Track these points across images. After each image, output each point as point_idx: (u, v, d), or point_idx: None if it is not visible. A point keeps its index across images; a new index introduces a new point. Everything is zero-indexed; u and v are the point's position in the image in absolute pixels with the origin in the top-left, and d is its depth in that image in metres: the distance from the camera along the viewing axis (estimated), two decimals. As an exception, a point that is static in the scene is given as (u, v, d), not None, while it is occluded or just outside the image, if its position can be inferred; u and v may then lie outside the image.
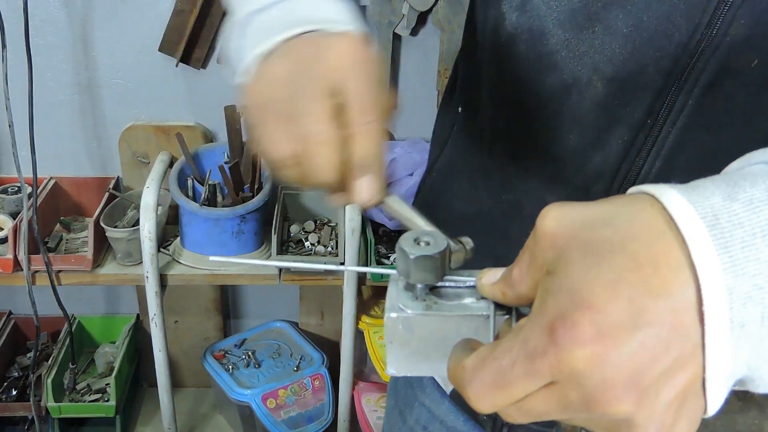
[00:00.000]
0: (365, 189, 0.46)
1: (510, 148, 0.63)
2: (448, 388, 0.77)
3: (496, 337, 0.39)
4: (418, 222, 0.48)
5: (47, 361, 1.77)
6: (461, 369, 0.34)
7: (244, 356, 1.88)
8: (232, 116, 1.62)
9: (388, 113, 0.48)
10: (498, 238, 0.55)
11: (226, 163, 1.61)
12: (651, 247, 0.31)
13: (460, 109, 0.70)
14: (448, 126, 0.73)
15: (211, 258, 0.53)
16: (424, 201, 0.77)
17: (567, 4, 0.54)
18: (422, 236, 0.41)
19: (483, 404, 0.33)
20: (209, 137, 1.77)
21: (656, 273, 0.30)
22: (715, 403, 0.32)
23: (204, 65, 1.69)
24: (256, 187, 1.61)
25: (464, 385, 0.34)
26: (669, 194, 0.33)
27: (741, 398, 0.46)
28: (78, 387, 1.80)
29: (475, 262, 0.65)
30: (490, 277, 0.39)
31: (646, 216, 0.32)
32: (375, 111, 0.46)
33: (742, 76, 0.51)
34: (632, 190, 0.35)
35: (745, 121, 0.53)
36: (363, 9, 0.71)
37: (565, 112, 0.57)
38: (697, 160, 0.54)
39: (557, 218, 0.34)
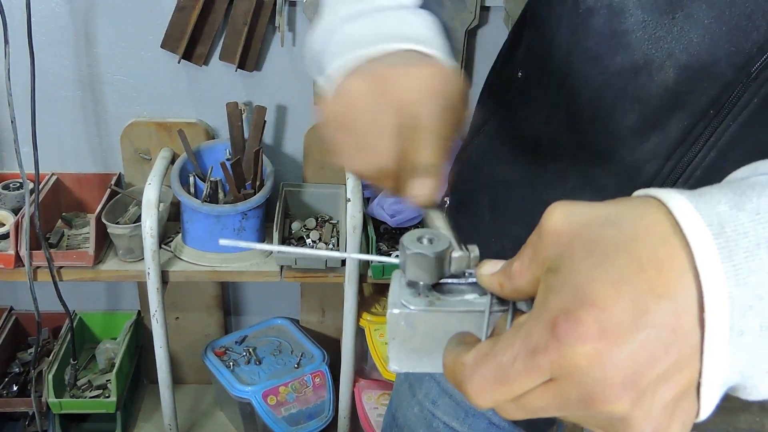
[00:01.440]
0: (419, 187, 0.49)
1: (567, 119, 0.64)
2: None
3: (492, 332, 0.39)
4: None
5: (48, 356, 1.77)
6: (460, 365, 0.34)
7: (244, 353, 1.88)
8: (233, 113, 1.62)
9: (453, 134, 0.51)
10: (536, 206, 0.55)
11: (227, 159, 1.61)
12: (656, 250, 0.31)
13: (520, 74, 0.71)
14: (503, 89, 0.73)
15: (221, 241, 0.52)
16: (468, 160, 0.77)
17: None
18: (426, 234, 0.41)
19: (482, 400, 0.33)
20: (211, 134, 1.77)
21: (660, 275, 0.31)
22: (707, 407, 0.32)
23: (206, 62, 1.69)
24: (257, 184, 1.61)
25: (463, 381, 0.34)
26: (676, 199, 0.33)
27: (742, 396, 0.46)
28: (79, 383, 1.80)
29: (510, 229, 0.66)
30: (489, 267, 0.39)
31: (652, 219, 0.32)
32: (442, 132, 0.49)
33: None
34: (639, 192, 0.35)
35: None
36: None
37: (630, 91, 0.57)
38: (752, 157, 0.55)
39: (564, 216, 0.34)
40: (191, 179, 1.64)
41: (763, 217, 0.32)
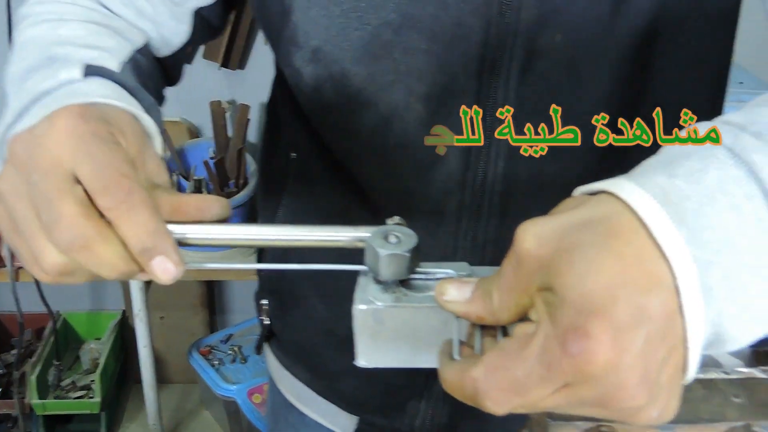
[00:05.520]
0: (161, 272, 0.40)
1: (353, 186, 0.63)
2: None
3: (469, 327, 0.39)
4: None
5: (31, 358, 1.76)
6: (470, 380, 0.34)
7: (230, 352, 1.88)
8: (217, 111, 1.62)
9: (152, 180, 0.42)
10: (348, 279, 0.45)
11: (211, 158, 1.61)
12: (632, 243, 0.32)
13: (294, 154, 0.68)
14: (280, 175, 0.70)
15: (207, 265, 0.51)
16: (275, 252, 0.73)
17: (358, 41, 0.54)
18: (391, 232, 0.41)
19: (500, 409, 0.34)
20: (194, 133, 1.77)
21: (641, 270, 0.31)
22: (694, 368, 0.33)
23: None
24: (241, 182, 1.61)
25: (477, 394, 0.34)
26: (621, 185, 0.33)
27: (705, 386, 0.47)
28: (63, 384, 1.79)
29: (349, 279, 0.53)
30: (455, 293, 0.38)
31: (615, 211, 0.33)
32: (122, 187, 0.38)
33: (550, 55, 0.53)
34: (582, 189, 0.36)
35: (564, 99, 0.53)
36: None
37: (393, 140, 0.57)
38: None
39: (536, 236, 0.34)
40: (174, 178, 1.64)
41: (696, 177, 0.33)
